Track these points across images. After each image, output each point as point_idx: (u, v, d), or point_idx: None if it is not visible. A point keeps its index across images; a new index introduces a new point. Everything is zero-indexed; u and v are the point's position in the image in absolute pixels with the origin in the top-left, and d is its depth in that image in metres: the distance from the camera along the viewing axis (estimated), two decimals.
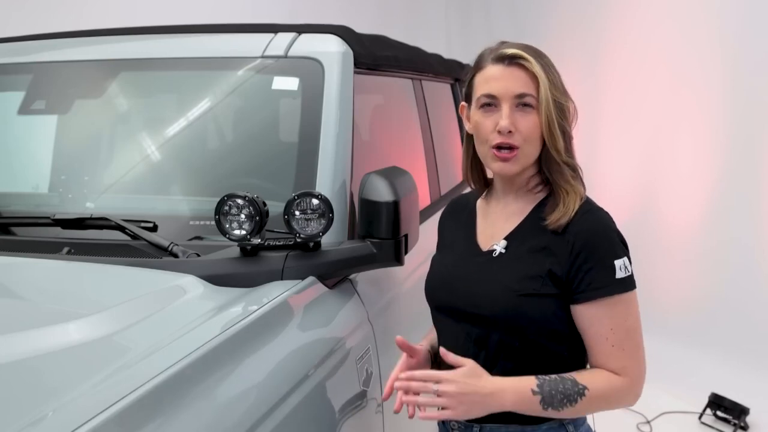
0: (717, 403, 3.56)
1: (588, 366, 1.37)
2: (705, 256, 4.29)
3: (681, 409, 3.68)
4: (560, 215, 1.31)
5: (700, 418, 3.60)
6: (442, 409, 1.24)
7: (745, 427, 3.49)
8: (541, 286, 1.30)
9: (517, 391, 1.26)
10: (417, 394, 1.26)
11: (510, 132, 1.30)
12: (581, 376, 1.29)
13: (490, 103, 1.33)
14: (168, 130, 2.00)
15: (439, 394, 1.23)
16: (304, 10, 4.92)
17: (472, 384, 1.24)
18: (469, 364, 1.27)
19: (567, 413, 1.28)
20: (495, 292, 1.32)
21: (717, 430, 3.53)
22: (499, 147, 1.32)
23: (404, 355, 1.43)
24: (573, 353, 1.35)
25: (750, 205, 4.04)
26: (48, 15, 3.71)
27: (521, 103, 1.31)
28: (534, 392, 1.25)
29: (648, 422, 3.57)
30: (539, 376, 1.27)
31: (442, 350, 1.29)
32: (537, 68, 1.30)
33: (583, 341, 1.33)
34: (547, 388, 1.26)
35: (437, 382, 1.24)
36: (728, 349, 4.02)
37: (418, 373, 1.26)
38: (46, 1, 3.79)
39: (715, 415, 3.57)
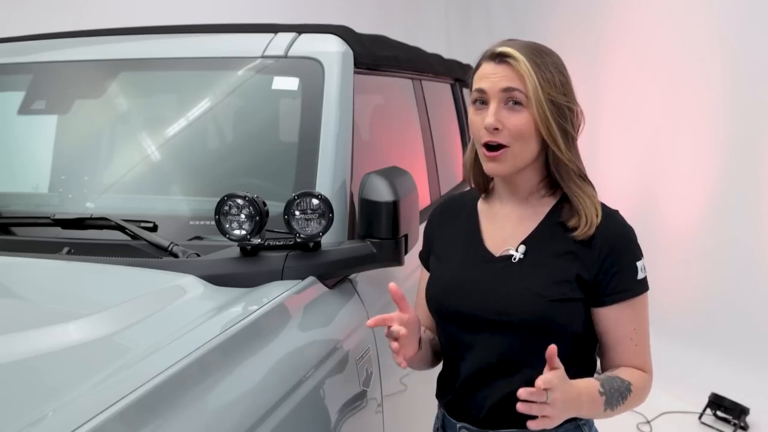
0: (717, 403, 3.56)
1: (600, 367, 1.39)
2: (705, 256, 4.29)
3: (681, 409, 3.68)
4: (586, 228, 1.30)
5: (700, 418, 3.60)
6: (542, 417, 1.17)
7: (745, 427, 3.49)
8: (570, 291, 1.30)
9: (590, 393, 1.25)
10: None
11: (497, 129, 1.28)
12: (620, 373, 1.32)
13: (482, 100, 1.32)
14: (168, 130, 2.00)
15: (549, 403, 1.15)
16: (304, 10, 4.93)
17: (568, 389, 1.18)
18: (562, 368, 1.18)
19: (617, 411, 1.29)
20: (523, 298, 1.30)
21: (717, 430, 3.53)
22: (487, 146, 1.31)
23: (398, 310, 1.34)
24: (587, 357, 1.38)
25: (750, 205, 4.04)
26: (48, 15, 3.71)
27: (510, 99, 1.29)
28: (600, 393, 1.26)
29: (648, 422, 3.57)
30: (595, 377, 1.29)
31: (551, 350, 1.16)
32: (525, 67, 1.27)
33: (603, 343, 1.35)
34: (607, 387, 1.27)
35: (547, 389, 1.14)
36: (728, 349, 4.02)
37: (539, 383, 1.15)
38: (46, 1, 3.80)
39: (715, 415, 3.57)
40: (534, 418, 1.17)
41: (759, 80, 3.96)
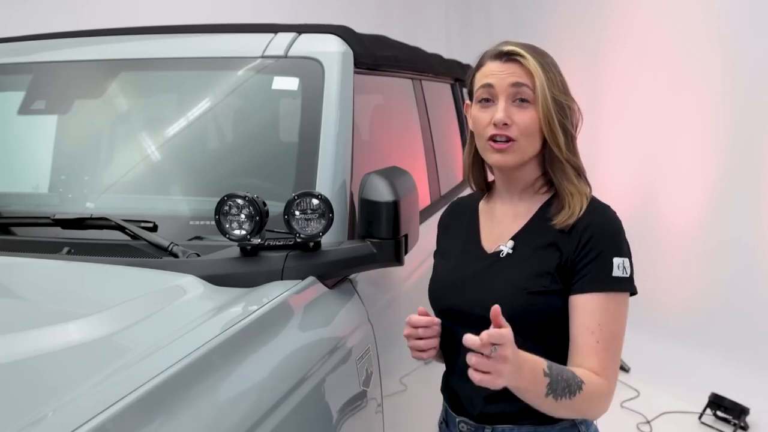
0: (717, 403, 3.56)
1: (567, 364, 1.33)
2: (705, 256, 4.29)
3: (681, 409, 3.68)
4: (567, 217, 1.32)
5: (700, 418, 3.60)
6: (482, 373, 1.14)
7: (745, 427, 3.49)
8: (550, 283, 1.30)
9: (533, 368, 1.21)
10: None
11: (505, 125, 1.31)
12: (577, 370, 1.26)
13: (488, 98, 1.34)
14: (168, 130, 2.00)
15: (494, 357, 1.12)
16: (304, 10, 4.93)
17: (515, 351, 1.15)
18: (509, 328, 1.15)
19: (560, 407, 1.23)
20: (506, 292, 1.32)
21: (717, 430, 3.53)
22: (494, 138, 1.33)
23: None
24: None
25: (750, 205, 4.04)
26: (48, 15, 3.71)
27: (518, 97, 1.32)
28: (545, 373, 1.22)
29: (648, 422, 3.57)
30: (546, 360, 1.23)
31: (496, 310, 1.14)
32: (533, 64, 1.31)
33: (569, 333, 1.31)
34: (555, 371, 1.23)
35: (496, 344, 1.11)
36: (728, 349, 4.02)
37: (484, 335, 1.11)
38: (46, 1, 3.79)
39: (715, 415, 3.57)
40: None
41: (759, 80, 3.97)
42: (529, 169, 1.39)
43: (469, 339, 1.12)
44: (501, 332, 1.13)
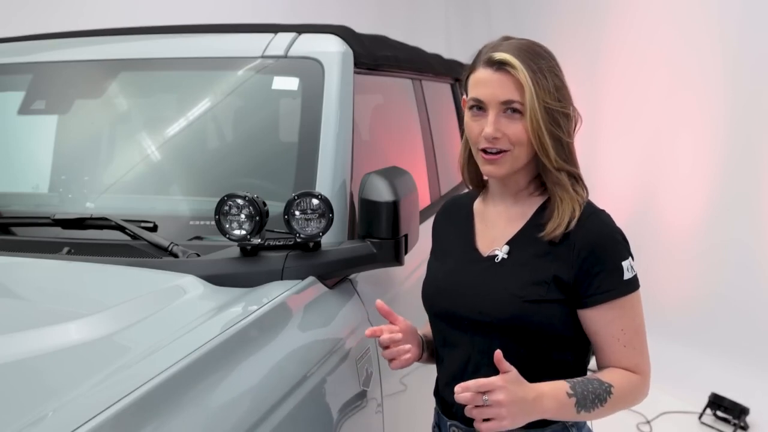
0: (717, 403, 3.56)
1: (596, 368, 1.37)
2: (705, 256, 4.29)
3: (681, 409, 3.68)
4: (555, 226, 1.30)
5: (700, 418, 3.60)
6: (488, 420, 1.19)
7: (745, 427, 3.49)
8: (546, 292, 1.29)
9: (555, 395, 1.24)
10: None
11: (496, 138, 1.29)
12: (603, 375, 1.30)
13: (479, 107, 1.32)
14: (168, 130, 2.00)
15: (489, 404, 1.18)
16: (304, 10, 4.93)
17: (519, 391, 1.20)
18: (513, 371, 1.21)
19: (596, 414, 1.27)
20: (500, 299, 1.31)
21: (717, 430, 3.53)
22: (486, 150, 1.32)
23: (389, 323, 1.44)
24: (577, 359, 1.35)
25: (750, 205, 4.04)
26: (48, 15, 3.71)
27: (509, 108, 1.29)
28: (569, 395, 1.24)
29: (648, 422, 3.57)
30: (568, 380, 1.27)
31: (498, 355, 1.20)
32: (523, 76, 1.27)
33: (593, 343, 1.34)
34: (579, 389, 1.25)
35: (486, 392, 1.18)
36: (728, 349, 4.02)
37: (471, 384, 1.18)
38: (46, 1, 3.80)
39: (715, 415, 3.58)
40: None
41: (759, 81, 3.96)
42: (522, 173, 1.36)
43: (459, 397, 1.18)
44: (485, 381, 1.18)
